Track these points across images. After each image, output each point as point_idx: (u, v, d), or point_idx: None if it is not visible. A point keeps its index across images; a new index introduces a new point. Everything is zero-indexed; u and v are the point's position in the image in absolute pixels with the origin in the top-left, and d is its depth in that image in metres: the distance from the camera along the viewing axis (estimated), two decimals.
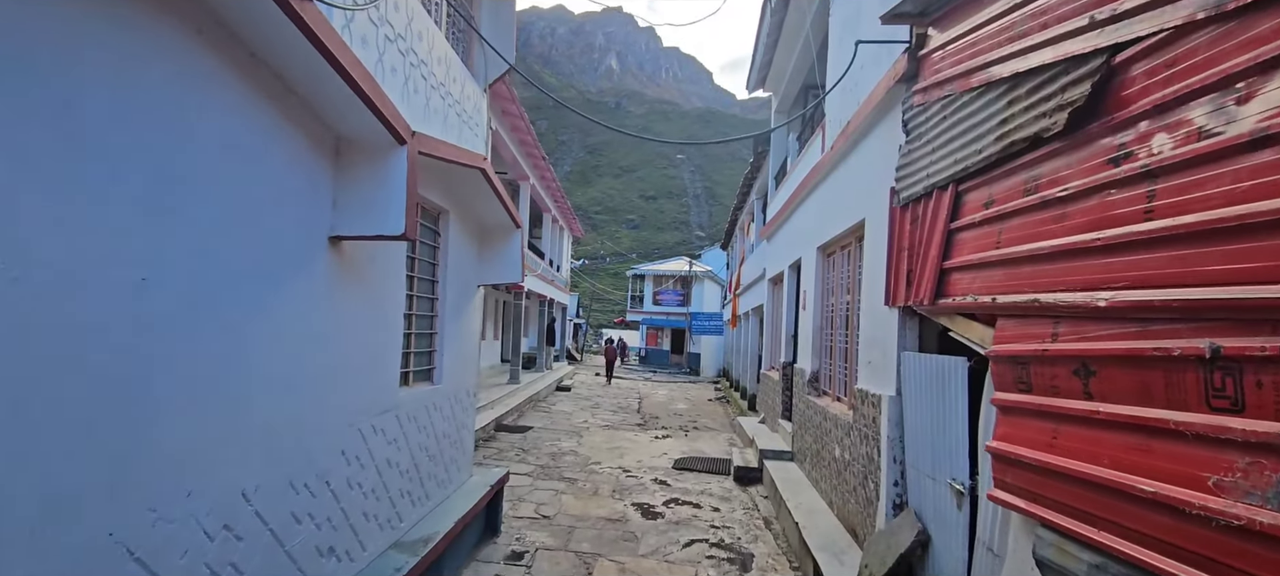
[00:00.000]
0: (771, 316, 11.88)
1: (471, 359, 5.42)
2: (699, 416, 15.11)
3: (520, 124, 12.96)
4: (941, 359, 3.66)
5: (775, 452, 8.27)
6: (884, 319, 4.66)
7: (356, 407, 3.30)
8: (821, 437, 6.48)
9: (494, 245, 5.49)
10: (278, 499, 2.60)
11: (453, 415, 4.91)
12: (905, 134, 4.34)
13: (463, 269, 5.07)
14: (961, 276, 3.30)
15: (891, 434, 4.34)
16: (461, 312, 5.07)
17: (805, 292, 7.99)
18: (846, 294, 6.38)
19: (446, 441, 4.78)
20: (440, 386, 4.62)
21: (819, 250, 7.40)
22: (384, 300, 3.57)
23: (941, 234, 3.54)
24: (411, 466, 4.08)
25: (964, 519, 3.38)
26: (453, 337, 4.85)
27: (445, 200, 4.59)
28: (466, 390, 5.28)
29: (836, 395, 6.56)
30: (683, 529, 6.21)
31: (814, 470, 6.75)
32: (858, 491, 5.04)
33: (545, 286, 19.29)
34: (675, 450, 10.28)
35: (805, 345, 7.81)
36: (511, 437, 10.56)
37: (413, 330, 4.23)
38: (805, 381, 7.47)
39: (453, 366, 4.87)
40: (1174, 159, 1.93)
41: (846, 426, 5.50)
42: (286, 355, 2.63)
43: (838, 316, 6.64)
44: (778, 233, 10.91)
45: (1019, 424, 2.65)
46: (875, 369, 4.82)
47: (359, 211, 2.92)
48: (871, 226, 5.16)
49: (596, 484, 7.78)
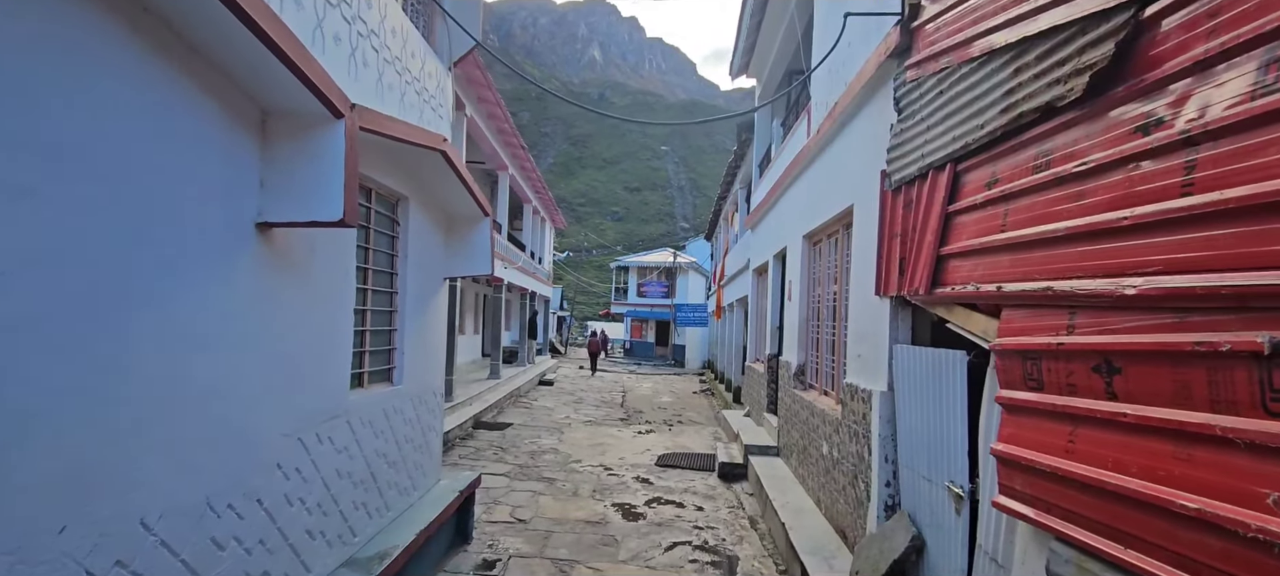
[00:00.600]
0: (756, 308, 11.65)
1: (438, 356, 5.09)
2: (684, 410, 14.88)
3: (497, 111, 12.55)
4: (938, 352, 3.40)
5: (761, 448, 8.04)
6: (874, 310, 4.40)
7: (297, 415, 2.96)
8: (808, 433, 6.24)
9: (462, 235, 5.15)
10: (191, 524, 2.26)
11: (417, 418, 4.58)
12: (897, 113, 4.07)
13: (427, 260, 4.73)
14: (961, 263, 3.04)
15: (883, 432, 4.09)
16: (426, 307, 4.73)
17: (791, 283, 7.74)
18: (834, 284, 6.13)
19: (409, 446, 4.45)
20: (401, 387, 4.28)
21: (805, 239, 7.14)
22: (330, 295, 3.23)
23: (938, 217, 3.27)
24: (367, 476, 3.75)
25: (963, 525, 3.14)
26: (415, 334, 4.51)
27: (404, 185, 4.24)
28: (432, 390, 4.94)
29: (824, 389, 6.32)
30: (665, 531, 5.95)
31: (801, 467, 6.52)
32: (847, 491, 4.80)
33: (526, 279, 18.91)
34: (659, 446, 10.02)
35: (791, 337, 7.57)
36: (490, 435, 10.23)
37: (368, 327, 3.89)
38: (791, 375, 7.23)
39: (416, 365, 4.53)
40: (1220, 123, 1.66)
41: (835, 422, 5.26)
42: (202, 360, 2.29)
43: (825, 307, 6.39)
44: (762, 222, 10.65)
45: (1029, 425, 2.39)
46: (865, 363, 4.57)
47: (290, 194, 2.58)
48: (860, 212, 4.90)
49: (576, 483, 7.49)
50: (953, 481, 3.21)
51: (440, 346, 5.16)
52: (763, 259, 10.44)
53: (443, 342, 5.22)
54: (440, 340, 5.16)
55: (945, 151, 3.28)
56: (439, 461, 5.19)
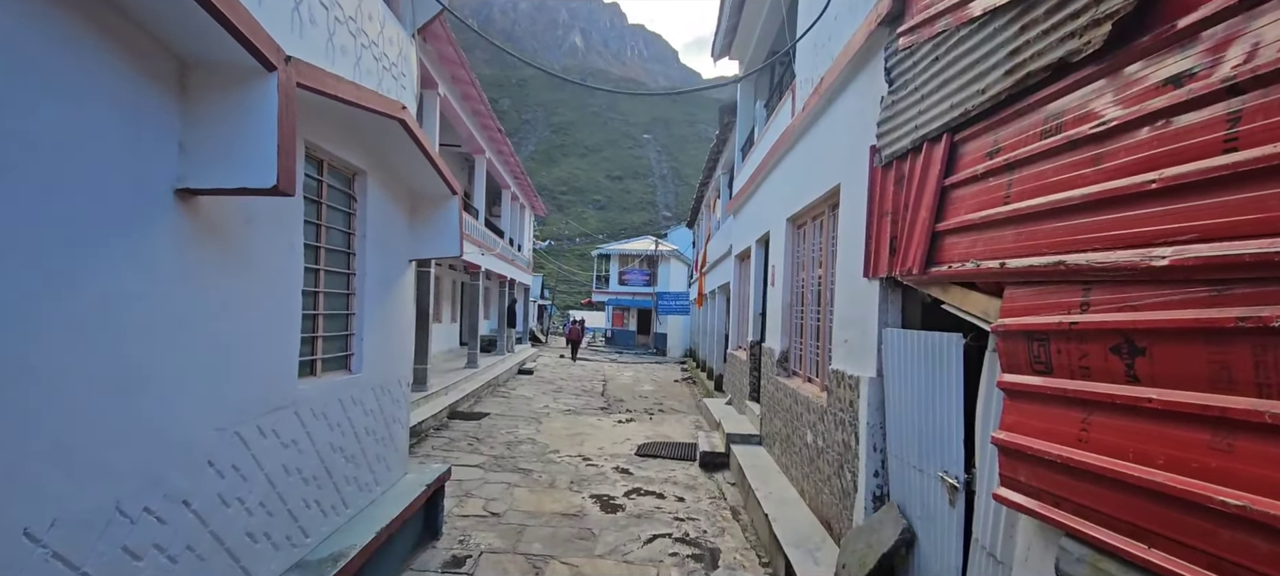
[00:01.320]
0: (738, 294, 11.47)
1: (403, 343, 4.79)
2: (665, 398, 14.70)
3: (472, 92, 12.14)
4: (932, 336, 3.21)
5: (743, 436, 7.87)
6: (862, 293, 4.21)
7: (232, 407, 2.66)
8: (792, 422, 6.06)
9: (428, 215, 4.84)
10: (95, 533, 1.97)
11: (379, 408, 4.29)
12: (888, 84, 3.85)
13: (389, 241, 4.42)
14: (959, 239, 2.83)
15: (871, 420, 3.90)
16: (388, 291, 4.43)
17: (774, 268, 7.55)
18: (818, 268, 5.93)
19: (371, 438, 4.16)
20: (360, 376, 3.98)
21: (788, 222, 6.94)
22: (272, 275, 2.93)
23: (934, 192, 3.07)
24: (320, 472, 3.46)
25: (957, 517, 2.96)
26: (376, 320, 4.21)
27: (361, 158, 3.92)
28: (397, 379, 4.65)
29: (808, 376, 6.15)
30: (644, 522, 5.74)
31: (784, 456, 6.35)
32: (832, 481, 4.62)
33: (505, 266, 18.53)
34: (639, 435, 9.82)
35: (774, 323, 7.38)
36: (465, 425, 9.94)
37: (321, 311, 3.58)
38: (774, 362, 7.05)
39: (377, 352, 4.23)
40: (1272, 67, 1.45)
41: (820, 410, 5.08)
42: (109, 346, 1.99)
43: (809, 292, 6.20)
44: (744, 206, 10.44)
45: (1034, 411, 2.20)
46: (852, 348, 4.38)
47: (216, 158, 2.27)
48: (847, 192, 4.69)
49: (553, 475, 7.25)
50: (946, 471, 3.03)
51: (406, 332, 4.86)
52: (745, 244, 10.24)
53: (409, 328, 4.92)
54: (406, 326, 4.86)
55: (941, 121, 3.06)
56: (405, 454, 4.91)
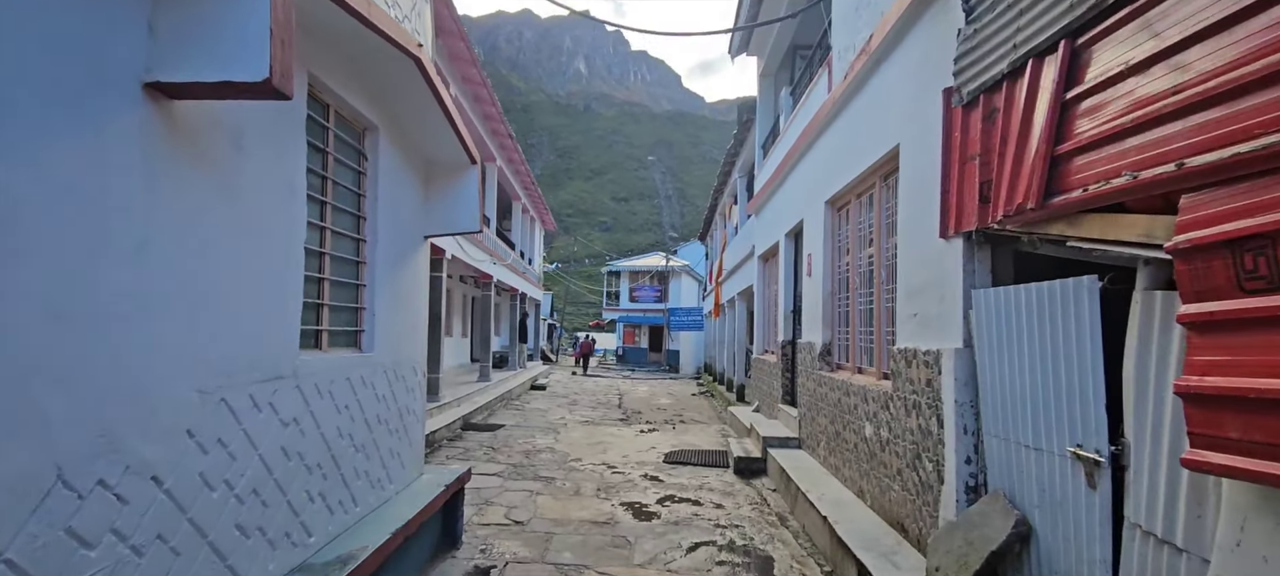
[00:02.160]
0: (763, 296, 10.96)
1: (417, 327, 4.31)
2: (684, 410, 14.12)
3: (484, 93, 11.82)
4: (1048, 286, 2.70)
5: (780, 440, 7.30)
6: (937, 256, 3.71)
7: (220, 368, 2.18)
8: (842, 417, 5.51)
9: (444, 186, 4.39)
10: (24, 505, 1.48)
11: (392, 395, 3.80)
12: (968, 13, 3.39)
13: (402, 210, 3.97)
14: (1095, 156, 2.34)
15: (960, 397, 3.37)
16: (402, 265, 3.97)
17: (810, 257, 7.05)
18: (867, 247, 5.43)
19: (383, 429, 3.67)
20: (372, 355, 3.50)
21: (827, 205, 6.46)
22: (266, 217, 2.46)
23: (1051, 111, 2.58)
24: (326, 459, 2.96)
25: (1102, 500, 2.42)
26: (389, 295, 3.74)
27: (372, 110, 3.48)
28: (412, 365, 4.17)
29: (858, 366, 5.61)
30: (683, 530, 5.18)
31: (833, 456, 5.78)
32: (904, 475, 4.07)
33: (516, 278, 18.11)
34: (664, 443, 9.25)
35: (813, 316, 6.86)
36: (480, 436, 9.41)
37: (327, 275, 3.11)
38: (816, 356, 6.52)
39: (390, 332, 3.76)
40: None
41: (881, 399, 4.54)
42: (43, 256, 1.52)
43: (856, 276, 5.69)
44: (769, 202, 9.98)
45: (1249, 343, 1.68)
46: (926, 321, 3.86)
47: (193, 43, 1.82)
48: (910, 151, 4.22)
49: (577, 482, 6.70)
50: (1082, 446, 2.50)
51: (420, 316, 4.39)
52: (771, 241, 9.75)
53: (422, 312, 4.45)
54: (420, 309, 4.39)
55: (1056, 28, 2.59)
56: (420, 450, 4.40)
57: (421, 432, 4.41)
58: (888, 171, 4.88)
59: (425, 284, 4.48)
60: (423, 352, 4.42)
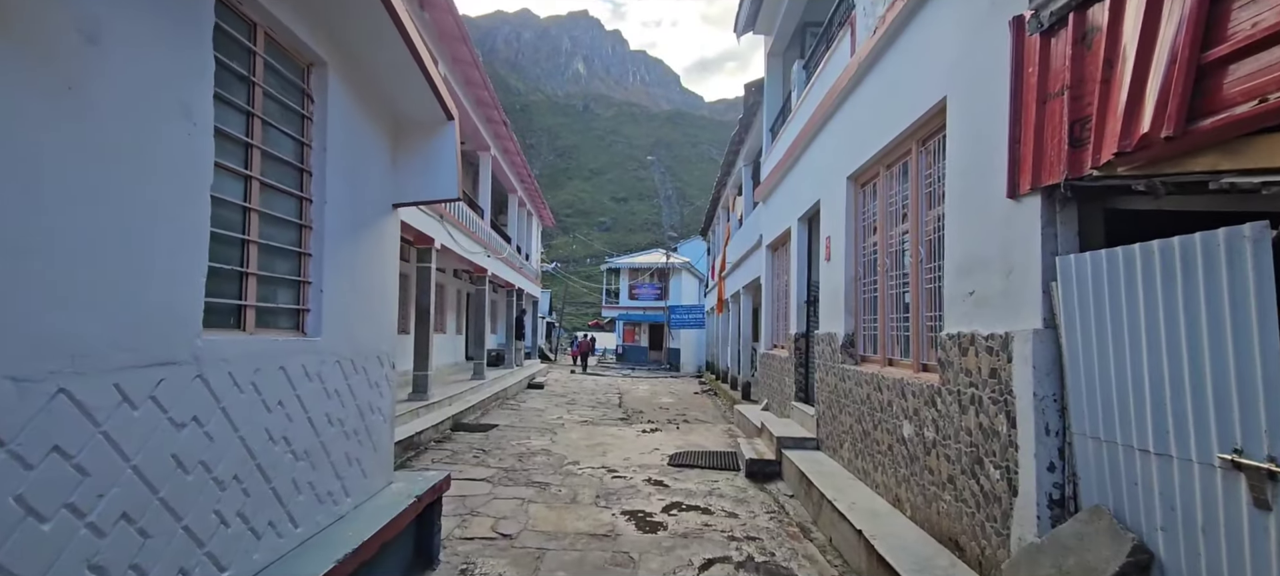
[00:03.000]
0: (772, 287, 10.33)
1: (385, 312, 3.68)
2: (687, 409, 13.49)
3: (475, 75, 11.19)
4: (1186, 240, 2.06)
5: (795, 440, 6.67)
6: (1001, 222, 3.08)
7: (54, 345, 1.55)
8: (872, 415, 4.89)
9: (417, 147, 3.76)
10: None
11: (348, 390, 3.16)
12: None
13: (364, 171, 3.34)
14: (1276, 55, 1.71)
15: (1041, 390, 2.74)
16: (364, 237, 3.34)
17: (828, 241, 6.43)
18: (900, 222, 4.81)
19: (336, 431, 3.03)
20: (319, 341, 2.87)
21: (850, 181, 5.83)
22: (142, 142, 1.83)
23: (1195, 8, 1.95)
24: (248, 471, 2.33)
25: (1273, 522, 1.79)
26: (346, 271, 3.11)
27: (317, 40, 2.85)
28: (377, 355, 3.53)
29: (889, 357, 4.97)
30: (693, 544, 4.55)
31: (860, 458, 5.16)
32: (958, 483, 3.44)
33: (513, 274, 17.47)
34: (668, 444, 8.62)
35: (832, 306, 6.23)
36: (471, 437, 8.77)
37: (254, 237, 2.48)
38: (838, 348, 5.89)
39: (346, 315, 3.13)
40: None
41: (924, 393, 3.92)
42: None
43: (888, 256, 5.06)
44: (779, 187, 9.35)
45: None
46: (986, 300, 3.23)
47: None
48: (962, 102, 3.59)
49: (574, 488, 6.07)
50: (1242, 451, 1.87)
51: (388, 300, 3.75)
52: (781, 228, 9.13)
53: (391, 295, 3.81)
54: (389, 291, 3.75)
55: None
56: (389, 456, 3.77)
57: (389, 435, 3.77)
58: (929, 133, 4.26)
59: (395, 262, 3.85)
60: (391, 341, 3.79)
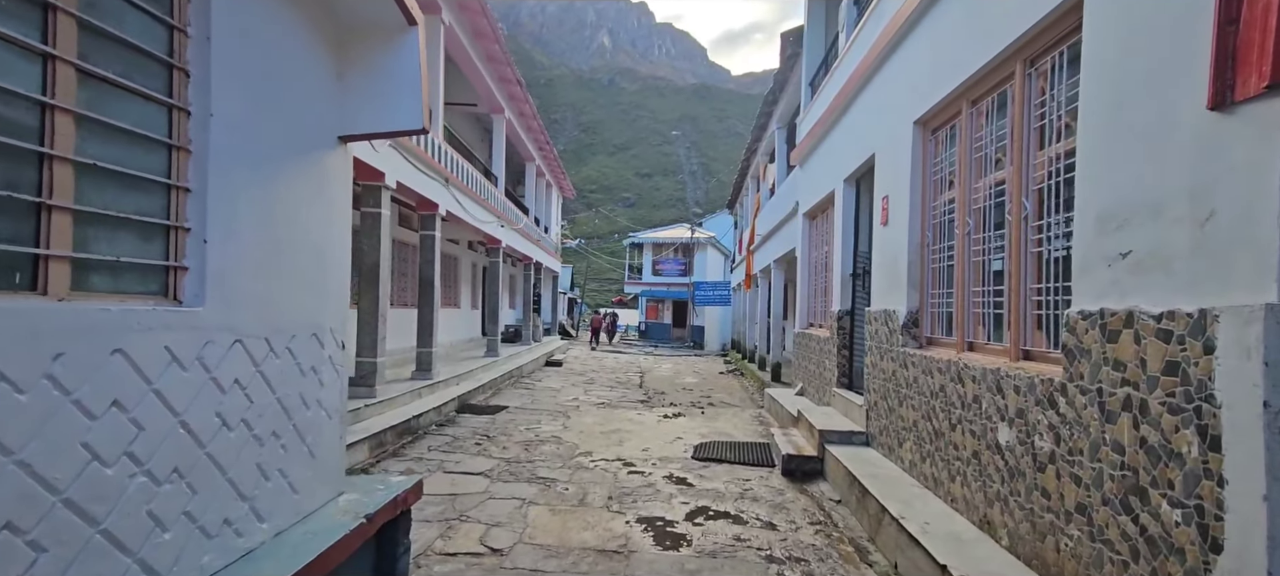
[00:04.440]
0: (809, 259, 9.32)
1: (329, 277, 2.83)
2: (712, 391, 12.62)
3: (485, 26, 10.25)
4: None
5: (841, 434, 5.75)
6: (1196, 144, 2.09)
7: None
8: (947, 412, 3.93)
9: (368, 62, 2.88)
10: None
11: (261, 381, 2.33)
12: None
13: (286, 84, 2.47)
14: None
15: (1276, 399, 1.78)
16: (289, 172, 2.49)
17: (886, 201, 5.42)
18: (993, 170, 3.79)
19: (234, 438, 2.20)
20: (200, 312, 2.02)
21: (918, 127, 4.81)
22: None
23: None
24: (50, 516, 1.51)
25: None
26: (257, 217, 2.27)
27: None
28: (314, 331, 2.69)
29: (969, 340, 3.99)
30: (725, 567, 3.69)
31: (928, 463, 4.22)
32: (1098, 518, 2.48)
33: (530, 247, 16.68)
34: (691, 433, 7.76)
35: (891, 277, 5.24)
36: (476, 421, 8.02)
37: (59, 150, 1.62)
38: (897, 329, 4.91)
39: (258, 277, 2.29)
40: None
41: (1037, 390, 2.95)
42: None
43: (972, 214, 4.05)
44: (820, 146, 8.30)
45: None
46: (1159, 262, 2.24)
47: None
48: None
49: (584, 486, 5.25)
50: None
51: (334, 262, 2.91)
52: (822, 193, 8.10)
53: (339, 256, 2.96)
54: (334, 251, 2.90)
55: None
56: (336, 462, 2.95)
57: (338, 434, 2.95)
58: (1045, 46, 3.22)
59: (344, 212, 2.99)
60: (341, 315, 2.94)
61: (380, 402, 6.81)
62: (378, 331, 7.01)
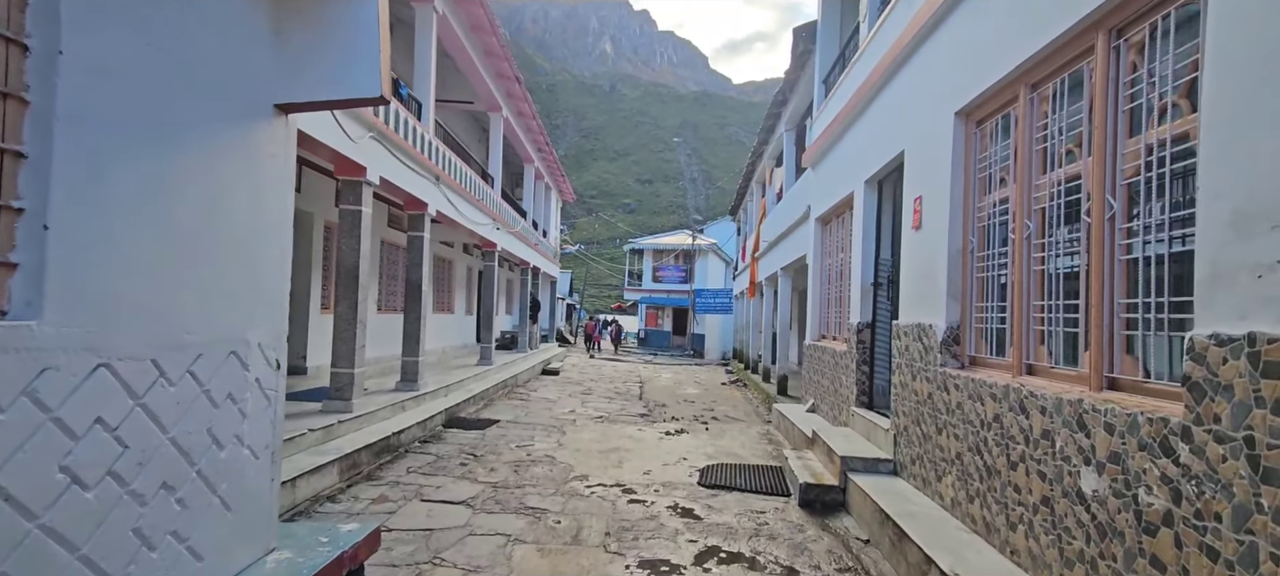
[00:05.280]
0: (822, 267, 8.75)
1: (259, 277, 2.25)
2: (716, 404, 12.03)
3: (481, 17, 9.70)
4: None
5: (865, 462, 5.16)
6: None
7: None
8: (1003, 446, 3.35)
9: (311, 6, 2.31)
10: None
11: (145, 415, 1.75)
12: None
13: (194, 28, 1.91)
14: None
15: None
16: (199, 143, 1.92)
17: (919, 202, 4.85)
18: (1061, 164, 3.23)
19: (102, 500, 1.62)
20: (38, 327, 1.44)
21: (961, 118, 4.26)
22: None
23: None
24: None
25: None
26: (143, 196, 1.70)
27: None
28: (235, 349, 2.11)
29: (1028, 362, 3.41)
30: None
31: (976, 503, 3.63)
32: None
33: (527, 250, 16.11)
34: (696, 452, 7.17)
35: (925, 288, 4.67)
36: (464, 437, 7.42)
37: None
38: (935, 346, 4.34)
39: (144, 278, 1.71)
40: None
41: (1141, 430, 2.36)
42: None
43: (1030, 216, 3.47)
44: (836, 146, 7.75)
45: None
46: None
47: None
48: None
49: (578, 518, 4.66)
50: None
51: (270, 259, 2.33)
52: (838, 195, 7.53)
53: (276, 253, 2.38)
54: (271, 246, 2.33)
55: None
56: (267, 512, 2.35)
57: (268, 476, 2.36)
58: (1135, 15, 2.66)
59: (283, 200, 2.42)
60: (276, 328, 2.36)
61: (356, 418, 6.21)
62: (356, 339, 6.43)
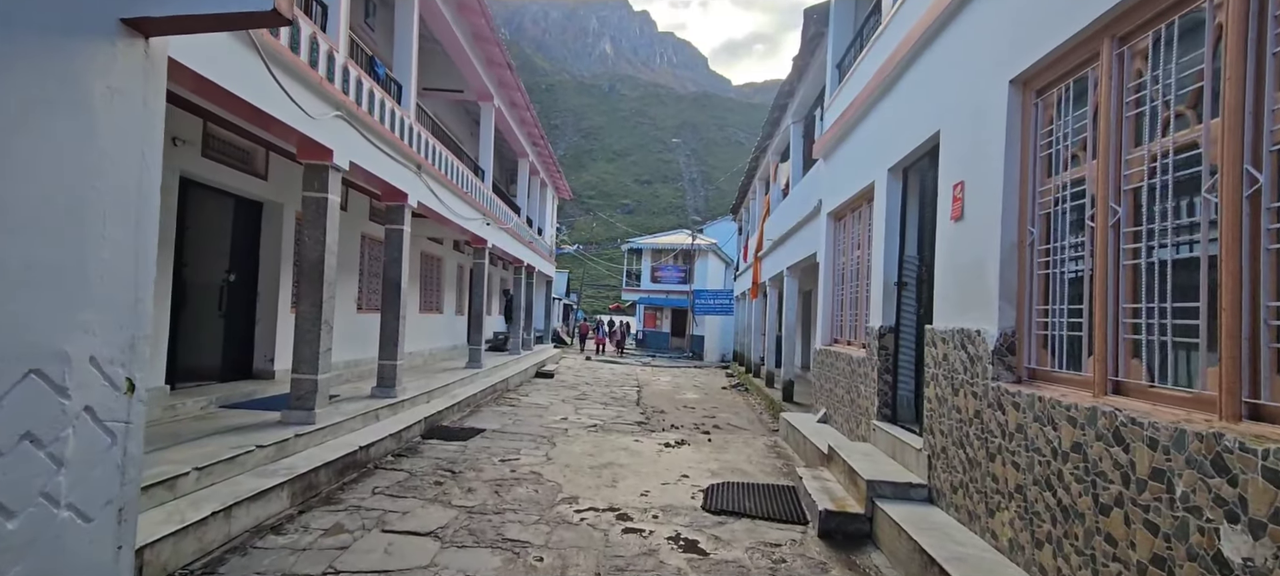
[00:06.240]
0: (834, 266, 8.09)
1: (92, 263, 1.58)
2: (717, 410, 11.37)
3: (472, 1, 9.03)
4: None
5: (894, 487, 4.50)
6: None
7: None
8: (1085, 484, 2.68)
9: None
10: None
11: None
12: None
13: None
14: None
15: None
16: None
17: (959, 189, 4.20)
18: (1152, 137, 2.56)
19: None
20: None
21: (1016, 88, 3.61)
22: None
23: None
24: None
25: None
26: None
27: None
28: (29, 364, 1.44)
29: (1115, 378, 2.74)
30: None
31: (1052, 553, 2.95)
32: None
33: (520, 248, 15.43)
34: (698, 468, 6.49)
35: (971, 287, 4.01)
36: (444, 449, 6.74)
37: None
38: (987, 356, 3.67)
39: None
40: None
41: None
42: None
43: (1120, 198, 2.81)
44: (854, 133, 7.09)
45: None
46: None
47: None
48: None
49: (564, 555, 3.98)
50: None
51: (119, 244, 1.65)
52: (856, 187, 6.87)
53: (134, 235, 1.71)
54: (123, 226, 1.65)
55: None
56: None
57: (111, 540, 1.68)
58: None
59: (132, 158, 1.74)
60: (121, 332, 1.69)
61: (318, 430, 5.54)
62: (320, 342, 5.74)
